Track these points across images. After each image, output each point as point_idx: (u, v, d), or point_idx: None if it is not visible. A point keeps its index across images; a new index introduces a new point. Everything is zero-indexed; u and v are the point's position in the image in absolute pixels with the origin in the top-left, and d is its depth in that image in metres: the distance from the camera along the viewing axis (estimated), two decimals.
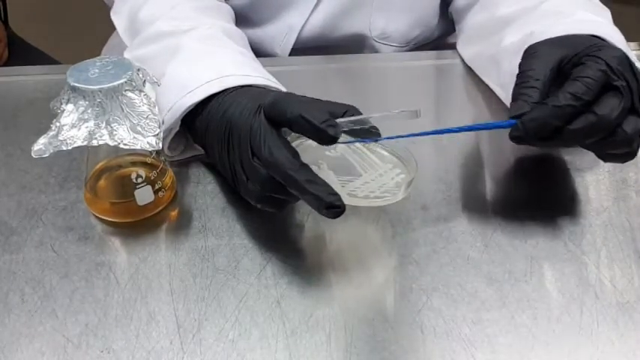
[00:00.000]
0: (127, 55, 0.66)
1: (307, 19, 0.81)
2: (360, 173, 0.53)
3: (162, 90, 0.58)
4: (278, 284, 0.51)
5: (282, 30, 0.82)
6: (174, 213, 0.57)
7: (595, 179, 0.61)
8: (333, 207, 0.46)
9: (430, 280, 0.51)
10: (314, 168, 0.50)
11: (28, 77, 0.74)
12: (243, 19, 0.86)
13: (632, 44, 0.82)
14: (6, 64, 1.16)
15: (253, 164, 0.50)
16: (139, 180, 0.54)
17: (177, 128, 0.59)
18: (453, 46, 0.81)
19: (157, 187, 0.55)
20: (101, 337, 0.47)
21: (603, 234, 0.56)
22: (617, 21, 0.64)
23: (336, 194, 0.47)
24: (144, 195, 0.55)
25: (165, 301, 0.50)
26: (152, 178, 0.55)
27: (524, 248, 0.54)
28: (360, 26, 0.83)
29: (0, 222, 0.56)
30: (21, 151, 0.64)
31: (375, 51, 0.86)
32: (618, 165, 0.62)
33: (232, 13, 0.76)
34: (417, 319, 0.49)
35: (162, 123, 0.57)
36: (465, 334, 0.47)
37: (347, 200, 0.48)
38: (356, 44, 0.85)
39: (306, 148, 0.54)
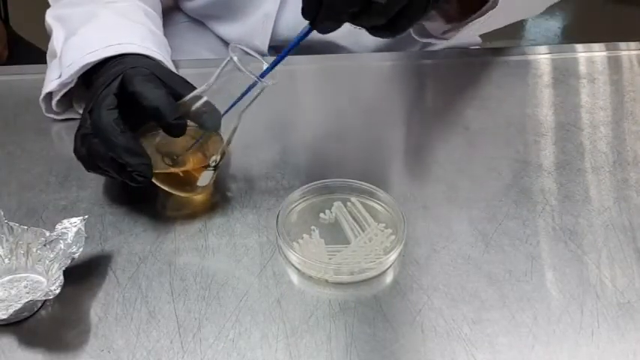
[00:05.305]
0: (50, 12, 0.70)
1: (280, 5, 0.81)
2: (350, 240, 0.54)
3: (68, 47, 0.63)
4: (278, 284, 0.51)
5: (258, 20, 0.82)
6: (174, 212, 0.57)
7: (596, 179, 0.61)
8: (139, 175, 0.51)
9: (430, 280, 0.51)
10: (305, 236, 0.54)
11: (28, 76, 0.74)
12: (218, 16, 0.86)
13: (633, 44, 0.82)
14: (6, 63, 1.16)
15: (84, 121, 0.54)
16: (213, 163, 0.55)
17: (72, 84, 0.63)
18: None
19: (214, 177, 0.56)
20: (101, 337, 0.47)
21: (604, 234, 0.56)
22: (617, 21, 0.64)
23: (146, 164, 0.51)
24: (205, 178, 0.55)
25: (166, 301, 0.50)
26: (219, 167, 0.56)
27: (525, 248, 0.54)
28: None
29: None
30: (21, 150, 0.64)
31: (351, 37, 0.85)
32: (619, 165, 0.62)
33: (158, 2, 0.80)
34: (417, 318, 0.48)
35: (60, 77, 0.63)
36: (465, 334, 0.47)
37: (332, 279, 0.51)
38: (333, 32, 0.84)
39: (303, 211, 0.56)
